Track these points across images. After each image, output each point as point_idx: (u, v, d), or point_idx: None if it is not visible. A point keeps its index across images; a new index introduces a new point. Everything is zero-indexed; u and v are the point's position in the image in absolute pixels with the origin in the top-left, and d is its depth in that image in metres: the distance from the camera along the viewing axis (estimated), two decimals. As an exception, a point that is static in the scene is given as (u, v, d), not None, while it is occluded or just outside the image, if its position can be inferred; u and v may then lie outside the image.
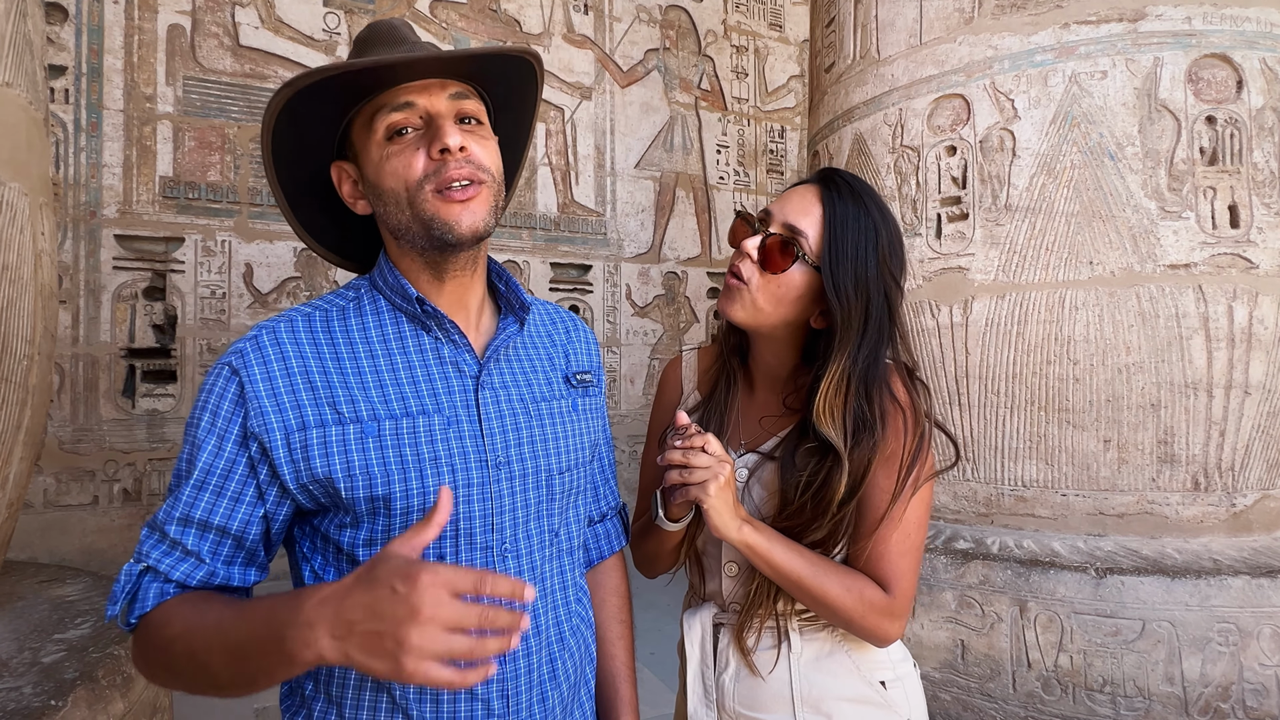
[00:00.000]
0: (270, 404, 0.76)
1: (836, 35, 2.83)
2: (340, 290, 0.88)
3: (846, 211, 0.97)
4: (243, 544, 0.78)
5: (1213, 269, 2.08)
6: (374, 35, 0.85)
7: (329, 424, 0.77)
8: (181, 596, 0.76)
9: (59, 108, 3.73)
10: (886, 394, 0.98)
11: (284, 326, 0.81)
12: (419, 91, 0.79)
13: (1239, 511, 2.10)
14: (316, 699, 0.81)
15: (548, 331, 0.97)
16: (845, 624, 0.98)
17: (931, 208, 2.43)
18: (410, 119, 0.79)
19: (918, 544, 0.99)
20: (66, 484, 3.75)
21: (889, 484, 0.97)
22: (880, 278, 0.97)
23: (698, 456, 0.89)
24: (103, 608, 1.96)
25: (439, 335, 0.84)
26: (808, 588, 0.95)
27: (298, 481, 0.77)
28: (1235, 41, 2.10)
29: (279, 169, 0.86)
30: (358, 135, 0.82)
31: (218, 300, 4.07)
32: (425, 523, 0.62)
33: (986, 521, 2.35)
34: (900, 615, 0.98)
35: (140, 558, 0.77)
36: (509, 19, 4.99)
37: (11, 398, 1.66)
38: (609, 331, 5.33)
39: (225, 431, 0.76)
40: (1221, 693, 1.86)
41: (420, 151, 0.78)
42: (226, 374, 0.78)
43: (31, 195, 1.75)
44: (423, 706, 0.78)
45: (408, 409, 0.79)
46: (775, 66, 6.16)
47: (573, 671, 0.90)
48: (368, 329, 0.83)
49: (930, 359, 2.42)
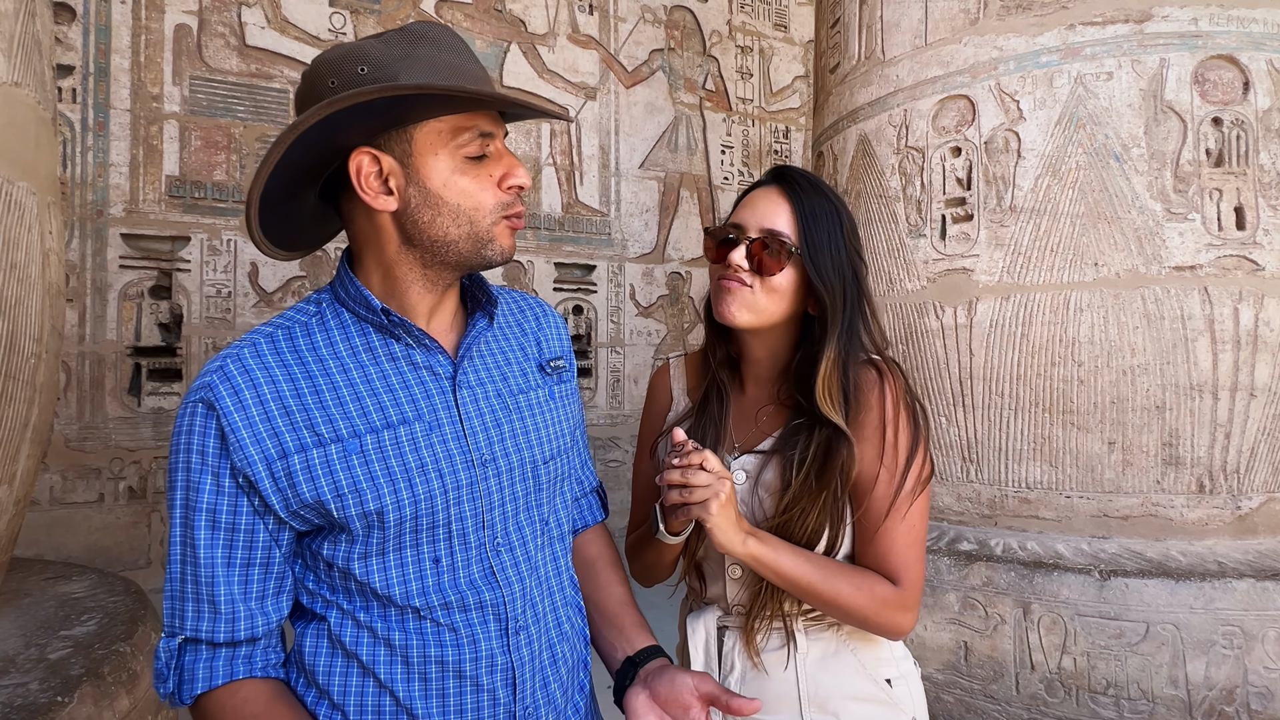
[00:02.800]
0: (247, 435, 0.75)
1: (841, 36, 2.83)
2: (299, 305, 0.86)
3: (813, 204, 1.02)
4: (270, 569, 0.78)
5: (1218, 271, 2.07)
6: (428, 36, 0.81)
7: (310, 447, 0.76)
8: (243, 694, 0.76)
9: (67, 107, 3.74)
10: (865, 368, 1.02)
11: (249, 352, 0.79)
12: (494, 123, 0.83)
13: (1244, 514, 2.09)
14: (320, 705, 0.80)
15: (517, 321, 0.97)
16: (860, 623, 0.99)
17: (936, 209, 2.42)
18: (486, 146, 0.82)
19: (921, 535, 1.00)
20: (72, 481, 3.76)
21: (875, 454, 0.98)
22: (849, 258, 1.03)
23: (697, 475, 0.90)
24: (108, 605, 1.96)
25: (409, 342, 0.83)
26: (819, 592, 0.96)
27: (288, 509, 0.76)
28: (1242, 43, 2.09)
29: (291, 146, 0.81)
30: (423, 138, 0.79)
31: (223, 299, 4.08)
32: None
33: (990, 523, 2.34)
34: (912, 607, 0.98)
35: (174, 631, 0.76)
36: (514, 19, 5.00)
37: (19, 395, 1.67)
38: (613, 331, 5.33)
39: (219, 469, 0.75)
40: (1226, 696, 1.85)
41: (492, 180, 0.82)
42: (203, 411, 0.75)
43: (39, 194, 1.76)
44: (428, 703, 0.78)
45: (388, 420, 0.79)
46: (780, 67, 6.16)
47: (570, 656, 0.91)
48: (335, 343, 0.82)
49: (934, 360, 2.42)
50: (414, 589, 0.79)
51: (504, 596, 0.82)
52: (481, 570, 0.82)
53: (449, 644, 0.79)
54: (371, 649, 0.79)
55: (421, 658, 0.79)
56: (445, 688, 0.79)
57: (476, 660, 0.80)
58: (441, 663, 0.79)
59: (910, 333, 2.49)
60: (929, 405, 2.44)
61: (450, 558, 0.80)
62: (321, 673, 0.80)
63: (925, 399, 2.45)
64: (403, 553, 0.79)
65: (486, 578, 0.82)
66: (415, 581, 0.79)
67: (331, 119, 0.75)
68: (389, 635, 0.79)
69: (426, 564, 0.80)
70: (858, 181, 2.69)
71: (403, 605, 0.78)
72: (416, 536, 0.79)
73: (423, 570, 0.79)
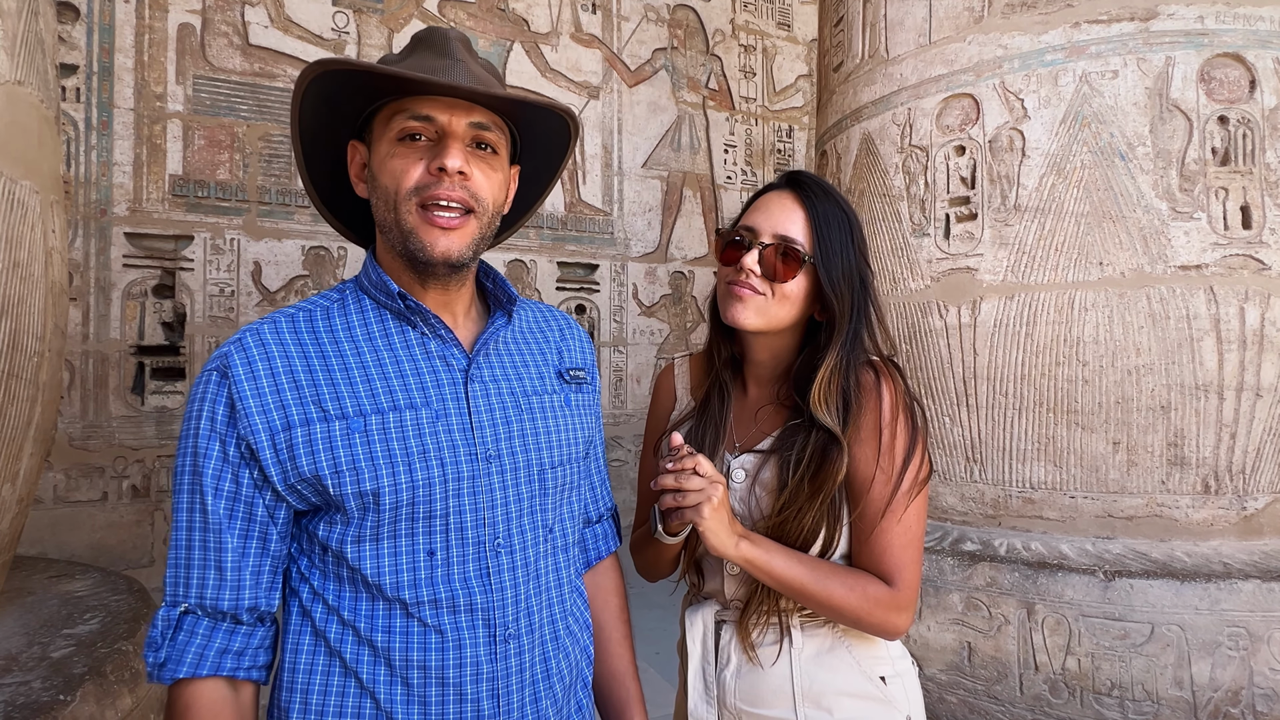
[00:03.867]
0: (254, 404, 0.76)
1: (845, 34, 2.82)
2: (324, 292, 0.88)
3: (826, 211, 1.03)
4: (266, 547, 0.78)
5: (1224, 270, 2.06)
6: (426, 39, 0.85)
7: (314, 421, 0.76)
8: (217, 705, 0.76)
9: (70, 106, 3.75)
10: (864, 370, 1.03)
11: (268, 328, 0.81)
12: (443, 108, 0.80)
13: (1250, 515, 2.08)
14: (291, 706, 0.79)
15: (540, 329, 0.97)
16: (853, 623, 0.99)
17: (940, 208, 2.41)
18: (425, 130, 0.80)
19: (918, 536, 1.00)
20: (76, 480, 3.77)
21: (872, 455, 0.99)
22: (858, 265, 1.03)
23: (690, 480, 0.91)
24: (111, 603, 1.97)
25: (425, 330, 0.83)
26: (811, 593, 0.97)
27: (285, 482, 0.76)
28: (1248, 41, 2.08)
29: (304, 134, 0.87)
30: (376, 124, 0.83)
31: (226, 298, 4.08)
32: None
33: (994, 523, 2.33)
34: (906, 607, 0.98)
35: (176, 600, 0.77)
36: (517, 18, 4.99)
37: (21, 394, 1.67)
38: (615, 331, 5.33)
39: (226, 436, 0.76)
40: (1231, 697, 1.84)
41: (422, 162, 0.79)
42: (216, 379, 0.77)
43: (43, 193, 1.76)
44: (410, 709, 0.77)
45: (395, 403, 0.79)
46: (783, 66, 6.15)
47: (568, 672, 0.88)
48: (353, 326, 0.83)
49: (938, 360, 2.41)
50: (405, 580, 0.78)
51: (496, 601, 0.80)
52: (477, 569, 0.80)
53: (433, 647, 0.78)
54: (355, 648, 0.78)
55: (404, 661, 0.77)
56: (427, 695, 0.77)
57: (461, 666, 0.78)
58: (424, 667, 0.77)
59: (914, 332, 2.48)
60: (932, 405, 2.43)
61: (445, 552, 0.79)
62: (303, 671, 0.79)
63: (929, 399, 2.44)
64: (397, 540, 0.78)
65: (481, 578, 0.80)
66: (407, 572, 0.78)
67: (331, 116, 0.83)
68: (373, 636, 0.77)
69: (420, 555, 0.79)
70: (861, 181, 2.68)
71: (391, 598, 0.77)
72: (412, 525, 0.78)
73: (415, 561, 0.78)
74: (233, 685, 0.78)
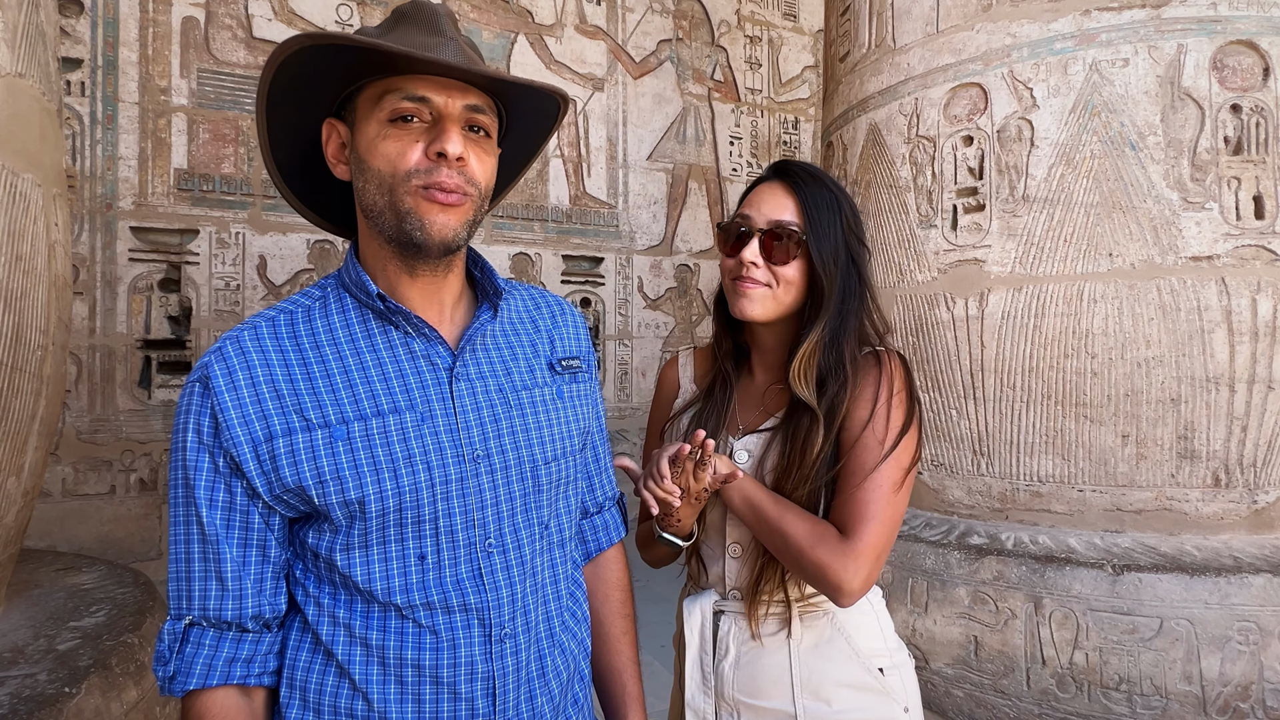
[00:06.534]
0: (236, 416, 0.75)
1: (851, 24, 2.79)
2: (306, 290, 0.85)
3: (816, 196, 1.06)
4: (266, 555, 0.77)
5: (1236, 261, 2.04)
6: (412, 13, 0.81)
7: (296, 431, 0.75)
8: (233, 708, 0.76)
9: (75, 100, 3.75)
10: (855, 343, 1.05)
11: (248, 334, 0.79)
12: (438, 89, 0.77)
13: (1260, 508, 2.06)
14: (290, 705, 0.79)
15: (530, 317, 0.94)
16: (795, 557, 0.98)
17: (947, 199, 2.39)
18: (420, 111, 0.77)
19: (890, 510, 0.99)
20: (84, 473, 3.79)
21: (865, 420, 1.00)
22: (846, 244, 1.06)
23: (658, 490, 1.00)
24: (117, 596, 1.97)
25: (407, 330, 0.81)
26: (768, 517, 0.99)
27: (271, 493, 0.75)
28: (1262, 28, 2.05)
29: (271, 113, 0.83)
30: (362, 103, 0.79)
31: (232, 292, 4.09)
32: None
33: (1001, 517, 2.32)
34: (855, 558, 0.95)
35: (180, 613, 0.76)
36: (521, 10, 4.97)
37: (26, 387, 1.67)
38: (621, 324, 5.32)
39: (213, 448, 0.75)
40: (1241, 692, 1.83)
41: (419, 145, 0.76)
42: (199, 391, 0.76)
43: (45, 186, 1.76)
44: (403, 708, 0.76)
45: (379, 408, 0.77)
46: (789, 57, 6.11)
47: (564, 670, 0.87)
48: (334, 329, 0.81)
49: (945, 352, 2.39)
50: (396, 585, 0.76)
51: (490, 601, 0.79)
52: (470, 571, 0.79)
53: (427, 646, 0.77)
54: (348, 648, 0.77)
55: (398, 660, 0.76)
56: (421, 693, 0.76)
57: (455, 666, 0.77)
58: (418, 666, 0.76)
59: (920, 324, 2.46)
60: (939, 398, 2.41)
61: (436, 555, 0.78)
62: (301, 669, 0.78)
63: (936, 392, 2.42)
64: (386, 546, 0.77)
65: (474, 579, 0.79)
66: (398, 578, 0.77)
67: (297, 93, 0.80)
68: (366, 635, 0.77)
69: (411, 560, 0.77)
70: (868, 171, 2.66)
71: (384, 602, 0.76)
72: (401, 530, 0.77)
73: (406, 566, 0.77)
74: (244, 692, 0.78)
